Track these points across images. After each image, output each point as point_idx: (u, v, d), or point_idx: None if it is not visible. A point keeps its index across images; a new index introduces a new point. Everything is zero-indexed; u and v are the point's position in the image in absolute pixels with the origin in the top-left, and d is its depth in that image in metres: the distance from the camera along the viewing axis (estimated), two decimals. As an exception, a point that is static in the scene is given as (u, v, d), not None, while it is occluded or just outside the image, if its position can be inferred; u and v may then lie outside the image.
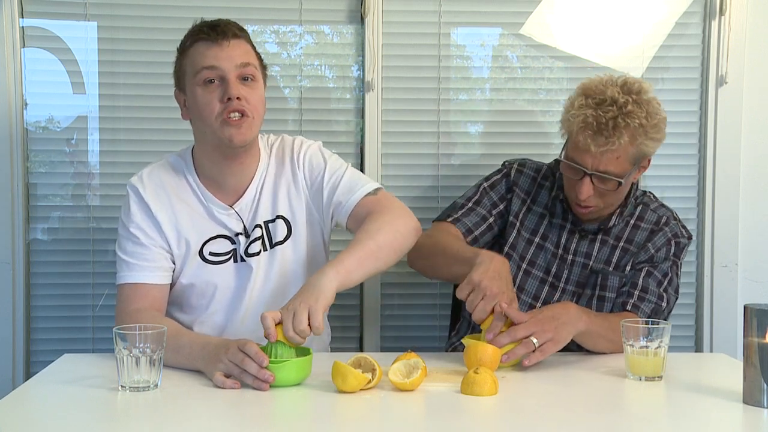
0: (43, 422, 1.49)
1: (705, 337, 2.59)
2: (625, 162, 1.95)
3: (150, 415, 1.52)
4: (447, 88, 2.56)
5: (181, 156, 1.99)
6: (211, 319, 1.95)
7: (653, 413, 1.60)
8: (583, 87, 1.98)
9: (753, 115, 2.57)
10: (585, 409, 1.59)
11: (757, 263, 2.59)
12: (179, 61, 1.91)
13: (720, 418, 1.54)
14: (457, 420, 1.52)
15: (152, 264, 1.90)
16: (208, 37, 1.84)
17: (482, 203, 2.15)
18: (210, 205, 1.94)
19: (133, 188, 1.94)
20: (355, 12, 2.51)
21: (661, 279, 2.03)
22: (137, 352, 1.60)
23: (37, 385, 1.71)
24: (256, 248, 1.94)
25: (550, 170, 2.16)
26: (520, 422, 1.52)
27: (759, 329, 1.54)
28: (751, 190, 2.58)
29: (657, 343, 1.72)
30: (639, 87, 1.95)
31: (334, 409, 1.56)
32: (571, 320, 1.82)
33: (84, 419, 1.50)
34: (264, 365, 1.61)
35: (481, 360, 1.72)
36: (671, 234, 2.06)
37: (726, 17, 2.52)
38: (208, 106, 1.84)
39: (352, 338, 2.57)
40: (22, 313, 2.45)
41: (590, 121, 1.90)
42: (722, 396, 1.62)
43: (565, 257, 2.09)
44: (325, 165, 1.98)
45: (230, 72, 1.84)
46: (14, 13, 2.41)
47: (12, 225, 2.43)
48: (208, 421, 1.50)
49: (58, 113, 2.50)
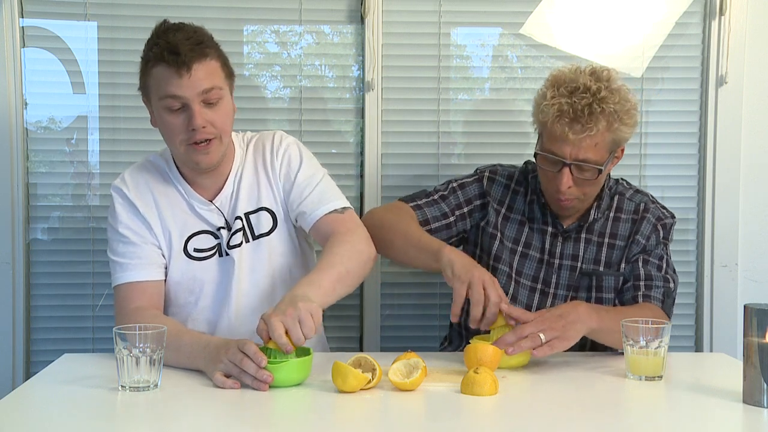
0: (43, 422, 1.49)
1: (705, 336, 2.59)
2: (603, 149, 1.93)
3: (150, 415, 1.52)
4: (447, 88, 2.56)
5: (161, 155, 2.00)
6: (202, 315, 1.95)
7: (653, 413, 1.60)
8: (553, 78, 1.97)
9: (753, 116, 2.57)
10: (585, 409, 1.59)
11: (757, 263, 2.59)
12: (142, 70, 1.87)
13: (720, 418, 1.54)
14: (457, 420, 1.52)
15: (144, 261, 1.91)
16: (168, 65, 1.79)
17: (447, 200, 2.12)
18: (191, 201, 1.95)
19: (118, 190, 1.95)
20: (355, 12, 2.51)
21: (659, 264, 2.03)
22: (137, 352, 1.60)
23: (37, 385, 1.71)
24: (237, 240, 1.94)
25: (522, 174, 2.14)
26: (520, 422, 1.52)
27: (759, 329, 1.54)
28: (751, 190, 2.58)
29: (657, 342, 1.72)
30: (608, 75, 1.94)
31: (334, 409, 1.56)
32: (580, 318, 1.81)
33: (84, 419, 1.50)
34: (262, 365, 1.61)
35: (481, 360, 1.72)
36: (655, 219, 2.06)
37: (726, 17, 2.52)
38: (174, 130, 1.84)
39: (352, 338, 2.57)
40: (22, 313, 2.45)
41: (565, 109, 1.89)
42: (722, 396, 1.62)
43: (552, 262, 2.08)
44: (301, 164, 1.97)
45: (193, 101, 1.81)
46: (14, 13, 2.41)
47: (12, 225, 2.43)
48: (207, 421, 1.50)
49: (58, 113, 2.50)
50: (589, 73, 1.94)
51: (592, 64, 1.99)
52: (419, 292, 2.55)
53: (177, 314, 1.96)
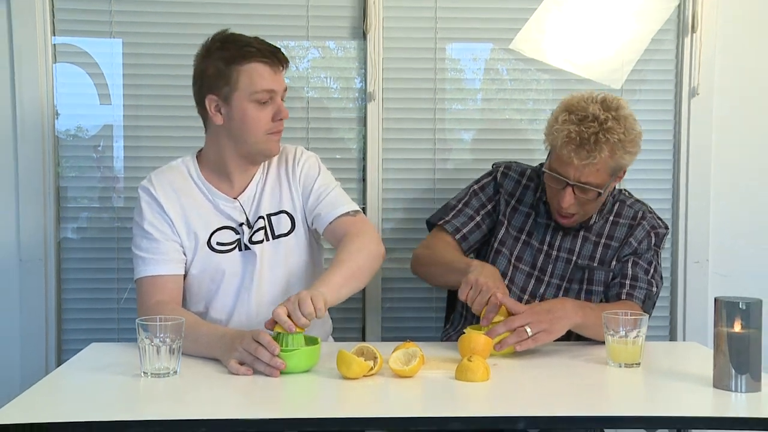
0: (73, 404, 1.50)
1: (679, 327, 2.59)
2: (604, 174, 1.95)
3: (169, 399, 1.52)
4: (442, 99, 2.56)
5: (184, 160, 2.01)
6: (221, 303, 1.95)
7: (632, 397, 1.60)
8: (566, 104, 1.97)
9: (723, 124, 2.57)
10: (569, 393, 1.59)
11: (726, 260, 2.59)
12: (222, 69, 1.87)
13: (692, 401, 1.54)
14: (451, 404, 1.52)
15: (166, 257, 1.91)
16: (268, 61, 1.88)
17: (470, 204, 2.15)
18: (216, 200, 1.96)
19: (145, 189, 1.95)
20: (358, 28, 2.51)
21: (647, 267, 2.03)
22: (158, 342, 1.60)
23: (67, 371, 1.72)
24: (259, 237, 1.95)
25: (535, 172, 2.16)
26: (510, 406, 1.53)
27: (728, 320, 1.54)
28: (721, 193, 2.58)
29: (635, 332, 1.72)
30: (617, 104, 1.94)
31: (340, 394, 1.56)
32: (566, 314, 1.82)
33: (109, 402, 1.51)
34: (276, 354, 1.61)
35: (474, 349, 1.72)
36: (649, 227, 2.07)
37: (697, 34, 2.52)
38: (260, 122, 1.89)
39: (355, 329, 2.57)
40: (53, 305, 2.45)
41: (573, 137, 1.89)
42: (694, 381, 1.63)
43: (550, 253, 2.09)
44: (318, 174, 2.01)
45: (280, 95, 1.92)
46: (47, 32, 2.41)
47: (44, 225, 2.43)
48: (223, 404, 1.50)
49: (86, 122, 2.50)
50: (599, 101, 1.93)
51: (605, 92, 1.98)
52: (417, 287, 2.55)
53: (198, 302, 1.97)
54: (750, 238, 2.60)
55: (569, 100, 1.97)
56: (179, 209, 1.94)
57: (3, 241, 2.42)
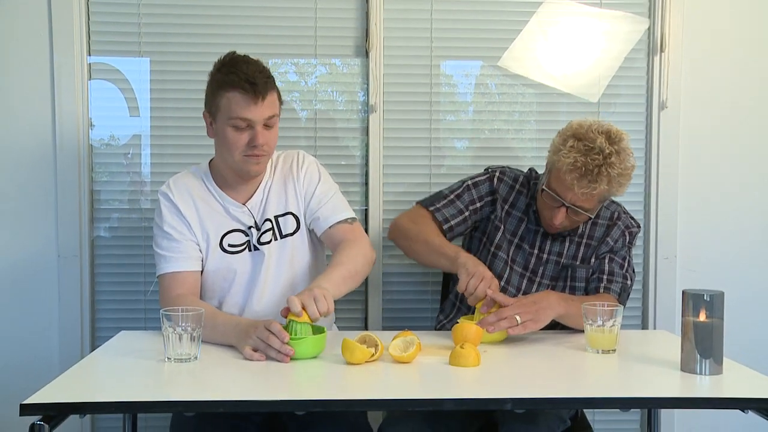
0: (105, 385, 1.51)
1: (650, 317, 2.58)
2: (597, 201, 1.93)
3: (191, 382, 1.52)
4: (437, 110, 2.55)
5: (200, 167, 1.99)
6: (233, 299, 1.94)
7: (608, 379, 1.60)
8: (574, 130, 1.90)
9: (689, 133, 2.56)
10: (552, 377, 1.59)
11: (692, 256, 2.58)
12: (213, 91, 1.85)
13: (662, 382, 1.54)
14: (445, 386, 1.52)
15: (185, 255, 1.89)
16: (245, 93, 1.79)
17: (462, 198, 2.11)
18: (226, 205, 1.93)
19: (164, 194, 1.93)
20: (361, 47, 2.50)
21: (622, 263, 2.02)
22: (180, 330, 1.59)
23: (100, 356, 1.72)
24: (267, 238, 1.93)
25: (526, 179, 2.13)
26: (499, 388, 1.52)
27: (694, 310, 1.54)
28: (687, 195, 2.57)
29: (611, 322, 1.71)
30: (619, 136, 1.89)
31: (344, 378, 1.56)
32: (550, 305, 1.81)
33: (137, 384, 1.51)
34: (286, 341, 1.60)
35: (466, 337, 1.71)
36: (624, 226, 2.06)
37: (666, 53, 2.51)
38: (235, 144, 1.83)
39: (358, 318, 2.56)
40: (87, 297, 2.44)
41: (579, 166, 1.84)
42: (664, 365, 1.62)
43: (541, 256, 2.07)
44: (320, 180, 1.98)
45: (258, 124, 1.82)
46: (83, 52, 2.40)
47: (79, 224, 2.42)
48: (238, 386, 1.50)
49: (117, 132, 2.49)
50: (605, 132, 1.87)
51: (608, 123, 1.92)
52: (415, 281, 2.54)
53: (213, 298, 1.95)
54: (714, 237, 2.58)
55: (578, 128, 1.90)
56: (194, 213, 1.92)
57: (44, 238, 2.41)
